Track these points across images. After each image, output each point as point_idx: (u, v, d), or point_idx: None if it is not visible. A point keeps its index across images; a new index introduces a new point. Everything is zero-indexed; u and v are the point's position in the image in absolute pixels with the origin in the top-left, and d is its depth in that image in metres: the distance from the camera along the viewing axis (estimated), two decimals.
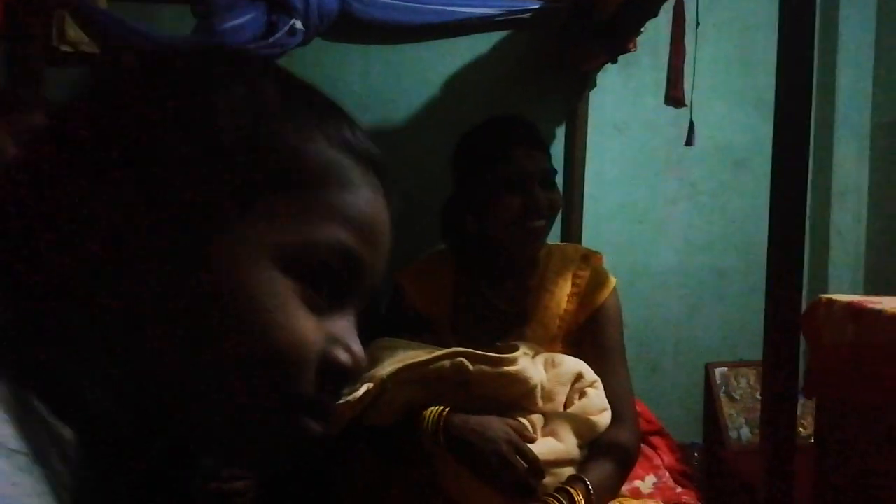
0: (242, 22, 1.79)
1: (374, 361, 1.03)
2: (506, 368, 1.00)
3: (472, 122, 1.34)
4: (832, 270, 2.02)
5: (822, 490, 1.36)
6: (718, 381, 1.97)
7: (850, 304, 1.31)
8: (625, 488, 1.28)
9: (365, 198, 0.47)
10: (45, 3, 1.69)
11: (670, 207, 2.03)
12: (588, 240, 1.93)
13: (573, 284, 1.24)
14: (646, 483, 1.28)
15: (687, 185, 2.04)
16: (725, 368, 1.98)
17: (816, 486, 1.37)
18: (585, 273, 1.25)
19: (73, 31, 1.72)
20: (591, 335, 1.21)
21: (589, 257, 1.29)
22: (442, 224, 1.34)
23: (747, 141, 1.96)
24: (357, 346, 0.46)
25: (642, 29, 1.83)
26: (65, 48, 1.72)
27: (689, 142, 1.54)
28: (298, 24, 1.80)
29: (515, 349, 1.03)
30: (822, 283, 2.02)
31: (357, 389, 0.98)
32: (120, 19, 1.74)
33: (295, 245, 0.43)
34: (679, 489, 1.27)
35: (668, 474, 1.31)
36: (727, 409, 1.97)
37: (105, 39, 1.75)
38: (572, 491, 0.99)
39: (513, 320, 1.23)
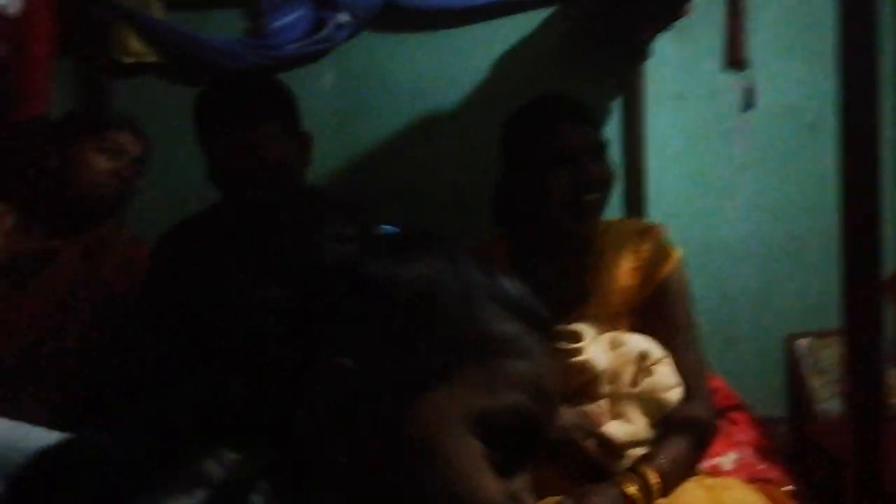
0: (292, 20, 1.82)
1: None
2: (573, 360, 0.97)
3: (524, 104, 1.31)
4: None
5: None
6: (803, 353, 1.88)
7: None
8: (704, 466, 1.24)
9: (539, 361, 0.52)
10: (105, 17, 1.75)
11: (738, 174, 1.95)
12: (653, 213, 1.88)
13: (634, 259, 1.20)
14: (727, 460, 1.23)
15: (755, 151, 1.95)
16: (809, 339, 1.88)
17: None
18: (646, 246, 1.21)
19: (136, 43, 1.78)
20: (657, 310, 1.17)
21: (648, 230, 1.25)
22: (494, 206, 1.32)
23: (817, 102, 1.86)
24: (531, 502, 0.51)
25: None
26: (128, 60, 1.78)
27: (746, 106, 1.48)
28: (345, 18, 1.81)
29: (578, 335, 1.00)
30: None
31: None
32: (179, 29, 1.80)
33: (484, 410, 0.48)
34: (762, 465, 1.22)
35: (750, 450, 1.26)
36: (813, 381, 1.88)
37: (166, 49, 1.80)
38: (646, 470, 0.96)
39: (572, 300, 1.19)
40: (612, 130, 1.91)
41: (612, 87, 1.91)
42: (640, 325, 1.17)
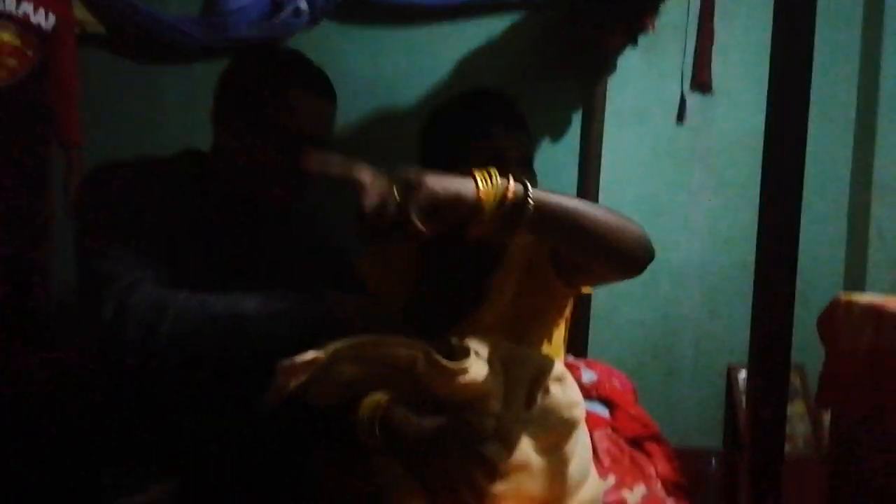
0: (247, 3, 1.77)
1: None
2: (459, 380, 0.92)
3: (452, 95, 1.24)
4: (871, 271, 1.86)
5: None
6: (742, 384, 1.84)
7: (870, 306, 1.19)
8: (612, 499, 1.19)
9: None
10: None
11: (694, 200, 1.92)
12: None
13: (529, 255, 1.13)
14: (634, 493, 1.18)
15: (713, 177, 1.92)
16: (747, 372, 1.84)
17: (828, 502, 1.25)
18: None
19: (80, 13, 1.73)
20: (562, 261, 1.08)
21: None
22: None
23: None
24: None
25: (664, 10, 1.73)
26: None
27: (680, 118, 1.44)
28: (303, 5, 1.76)
29: (467, 353, 0.95)
30: (858, 284, 1.86)
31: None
32: (133, 2, 1.74)
33: None
34: (670, 501, 1.17)
35: (659, 484, 1.21)
36: None
37: (114, 20, 1.75)
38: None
39: (473, 305, 1.14)
40: (569, 144, 1.88)
41: (575, 99, 1.87)
42: (545, 319, 1.11)
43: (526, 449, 0.93)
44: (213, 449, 1.08)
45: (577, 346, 1.83)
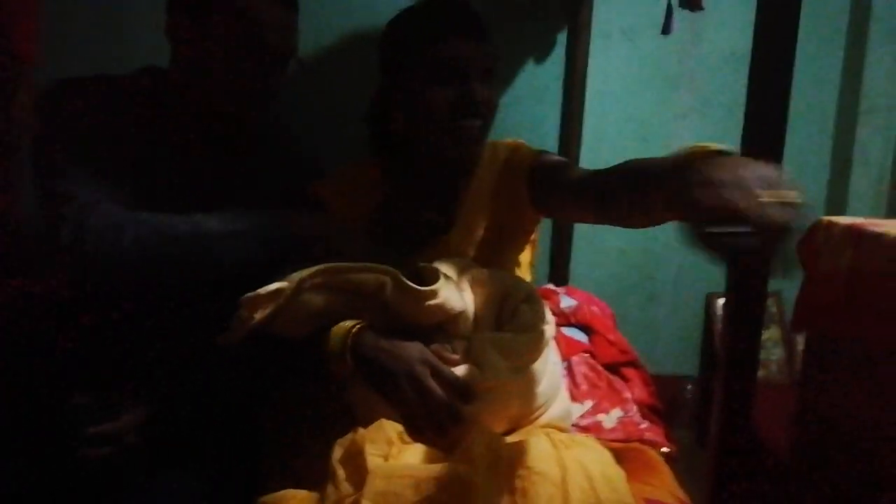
0: None
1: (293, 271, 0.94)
2: (428, 303, 0.90)
3: (409, 5, 1.18)
4: (853, 194, 1.84)
5: (801, 430, 1.25)
6: (719, 313, 1.85)
7: (850, 227, 1.17)
8: (587, 422, 1.19)
9: None
10: None
11: (680, 122, 1.87)
12: (586, 157, 1.80)
13: (498, 180, 1.10)
14: (610, 417, 1.19)
15: (699, 99, 1.87)
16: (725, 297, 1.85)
17: (795, 424, 1.26)
18: (505, 159, 1.12)
19: None
20: (539, 186, 1.07)
21: (515, 148, 1.15)
22: (366, 123, 1.21)
23: None
24: None
25: None
26: None
27: (665, 29, 1.38)
28: None
29: (436, 274, 0.92)
30: (840, 208, 1.85)
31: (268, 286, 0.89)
32: None
33: None
34: (645, 424, 1.18)
35: (635, 408, 1.21)
36: None
37: None
38: None
39: (438, 228, 1.11)
40: (553, 65, 1.82)
41: (558, 17, 1.80)
42: (514, 235, 1.09)
43: (497, 368, 0.93)
44: (180, 377, 1.07)
45: (560, 273, 1.82)
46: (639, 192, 0.83)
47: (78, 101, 1.06)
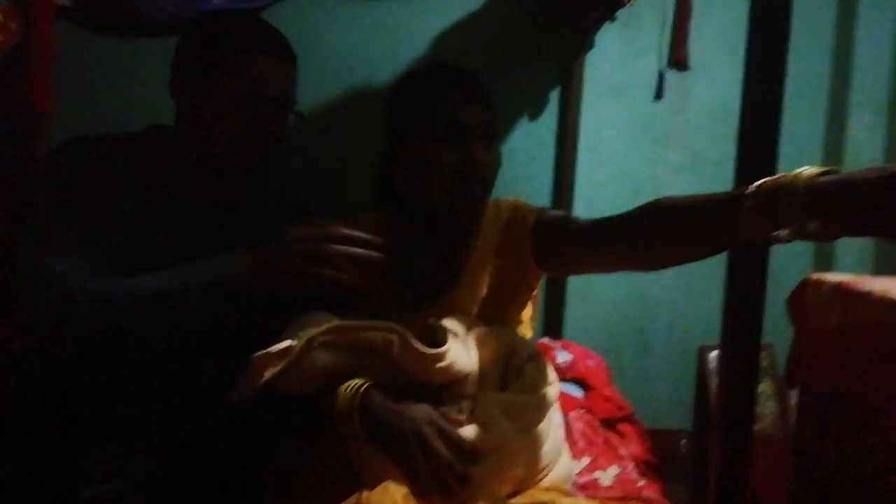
0: None
1: (302, 329, 0.95)
2: (436, 365, 0.90)
3: (413, 70, 1.22)
4: (840, 250, 1.88)
5: (799, 485, 1.25)
6: (713, 365, 1.86)
7: (838, 285, 1.19)
8: (584, 479, 1.19)
9: None
10: None
11: (671, 178, 1.91)
12: (579, 212, 1.83)
13: (500, 238, 1.12)
14: (607, 474, 1.19)
15: (689, 155, 1.91)
16: (720, 351, 1.86)
17: (793, 480, 1.27)
18: (508, 217, 1.14)
19: None
20: (544, 242, 1.08)
21: (516, 207, 1.17)
22: (371, 182, 1.24)
23: None
24: None
25: None
26: None
27: (658, 95, 1.42)
28: None
29: (444, 333, 0.93)
30: (827, 264, 1.88)
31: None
32: None
33: None
34: (642, 482, 1.17)
35: (632, 465, 1.21)
36: None
37: None
38: None
39: (442, 285, 1.12)
40: (547, 121, 1.86)
41: (552, 76, 1.85)
42: (516, 299, 1.10)
43: (503, 429, 0.93)
44: (185, 435, 1.06)
45: (553, 326, 1.83)
46: (682, 223, 0.85)
47: (85, 160, 1.08)
